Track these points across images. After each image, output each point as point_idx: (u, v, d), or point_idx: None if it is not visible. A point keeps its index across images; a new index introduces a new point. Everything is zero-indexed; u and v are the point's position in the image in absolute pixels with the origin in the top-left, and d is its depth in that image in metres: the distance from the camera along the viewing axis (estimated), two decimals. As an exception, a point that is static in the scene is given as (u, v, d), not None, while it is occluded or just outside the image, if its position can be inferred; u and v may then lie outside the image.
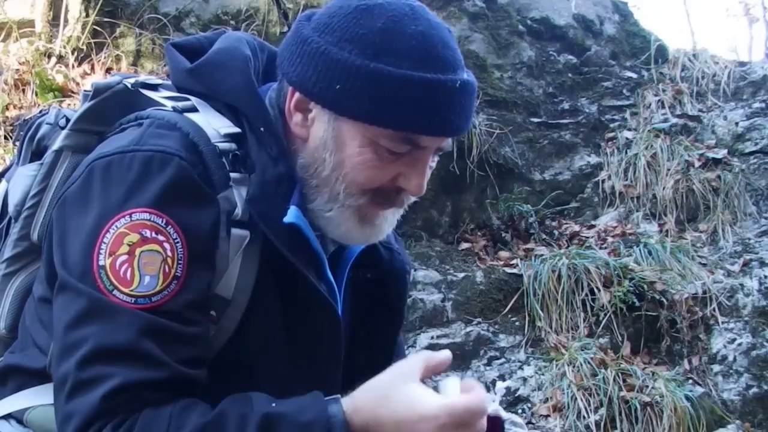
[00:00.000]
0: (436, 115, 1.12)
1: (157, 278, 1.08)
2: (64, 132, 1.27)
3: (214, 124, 1.20)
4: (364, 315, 1.38)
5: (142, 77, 1.31)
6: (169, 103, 1.24)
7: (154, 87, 1.29)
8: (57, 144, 1.27)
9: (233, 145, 1.18)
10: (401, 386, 1.06)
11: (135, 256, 1.08)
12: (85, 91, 1.32)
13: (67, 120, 1.30)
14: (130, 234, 1.08)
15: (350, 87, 1.11)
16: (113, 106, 1.26)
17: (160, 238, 1.09)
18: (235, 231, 1.15)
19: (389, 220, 1.25)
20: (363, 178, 1.17)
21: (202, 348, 1.13)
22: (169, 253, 1.09)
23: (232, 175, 1.16)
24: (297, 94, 1.18)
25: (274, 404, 1.07)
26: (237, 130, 1.20)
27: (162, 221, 1.09)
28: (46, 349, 1.16)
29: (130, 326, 1.05)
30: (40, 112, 1.37)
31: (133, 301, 1.07)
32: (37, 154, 1.31)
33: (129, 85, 1.26)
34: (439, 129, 1.15)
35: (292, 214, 1.17)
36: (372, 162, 1.16)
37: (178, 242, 1.10)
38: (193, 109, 1.22)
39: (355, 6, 1.14)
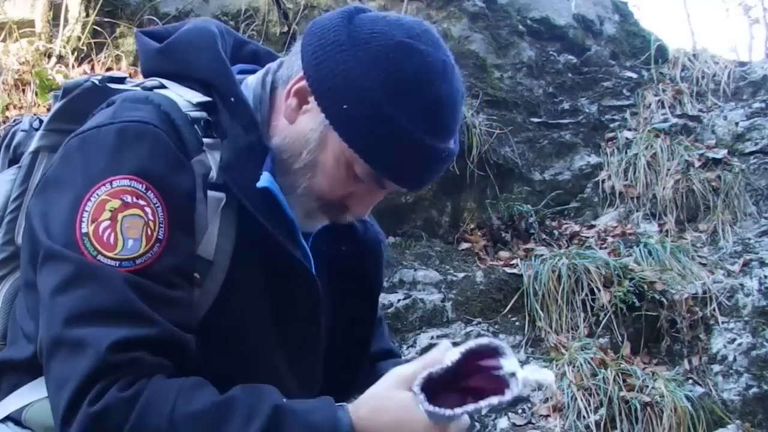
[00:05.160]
0: (414, 173, 1.21)
1: (140, 241, 1.10)
2: (39, 133, 1.29)
3: (184, 96, 1.23)
4: (342, 288, 1.39)
5: (110, 73, 1.34)
6: (138, 88, 1.27)
7: (121, 80, 1.31)
8: (33, 145, 1.28)
9: (204, 114, 1.22)
10: (397, 394, 1.09)
11: (117, 221, 1.10)
12: (54, 92, 1.34)
13: (41, 122, 1.31)
14: (112, 200, 1.10)
15: (356, 115, 1.14)
16: (84, 103, 1.28)
17: (141, 202, 1.11)
18: (211, 193, 1.18)
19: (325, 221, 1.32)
20: (325, 187, 1.22)
21: (186, 313, 1.14)
22: (151, 217, 1.11)
23: (205, 140, 1.20)
24: (304, 83, 1.20)
25: (284, 399, 1.09)
26: (207, 99, 1.23)
27: (142, 187, 1.12)
28: (33, 337, 1.16)
29: (117, 287, 1.07)
30: (14, 120, 1.40)
31: (117, 265, 1.08)
32: (14, 162, 1.33)
33: (96, 82, 1.28)
34: (410, 184, 1.24)
35: (265, 179, 1.19)
36: (339, 178, 1.21)
37: (158, 207, 1.12)
38: (162, 87, 1.26)
39: (399, 41, 1.15)
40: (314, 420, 1.06)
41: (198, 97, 1.23)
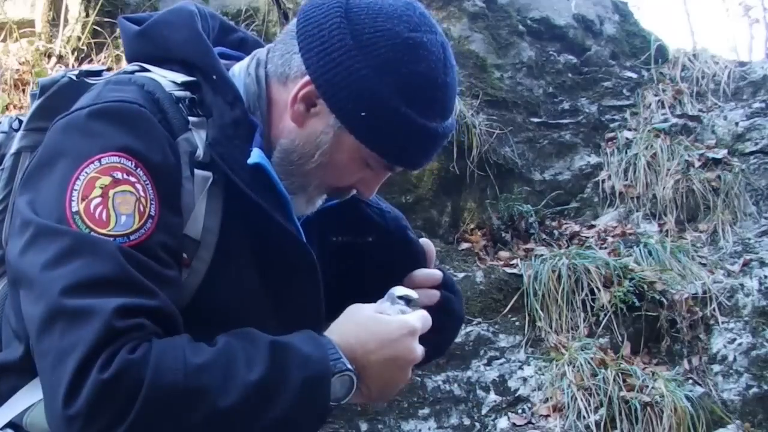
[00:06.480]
0: (423, 156, 1.27)
1: (133, 217, 1.08)
2: (20, 133, 1.27)
3: (167, 76, 1.23)
4: (366, 280, 1.38)
5: (86, 66, 1.33)
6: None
7: (98, 73, 1.30)
8: (14, 147, 1.26)
9: (188, 93, 1.21)
10: (362, 312, 1.19)
11: (109, 198, 1.08)
12: (32, 91, 1.33)
13: (20, 122, 1.29)
14: (102, 177, 1.09)
15: (374, 119, 1.17)
16: (63, 99, 1.26)
17: (132, 179, 1.10)
18: (198, 172, 1.17)
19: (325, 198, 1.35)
20: (336, 179, 1.26)
21: (177, 293, 1.12)
22: (142, 193, 1.10)
23: (190, 118, 1.19)
24: (311, 87, 1.20)
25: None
26: (191, 78, 1.23)
27: (131, 164, 1.10)
28: (21, 334, 1.13)
29: (115, 258, 1.04)
30: None
31: (111, 241, 1.06)
32: None
33: (73, 77, 1.27)
34: (418, 166, 1.30)
35: (256, 155, 1.18)
36: (351, 171, 1.25)
37: (148, 184, 1.11)
38: (143, 70, 1.25)
39: (405, 38, 1.18)
40: (306, 350, 1.10)
41: (182, 77, 1.23)
